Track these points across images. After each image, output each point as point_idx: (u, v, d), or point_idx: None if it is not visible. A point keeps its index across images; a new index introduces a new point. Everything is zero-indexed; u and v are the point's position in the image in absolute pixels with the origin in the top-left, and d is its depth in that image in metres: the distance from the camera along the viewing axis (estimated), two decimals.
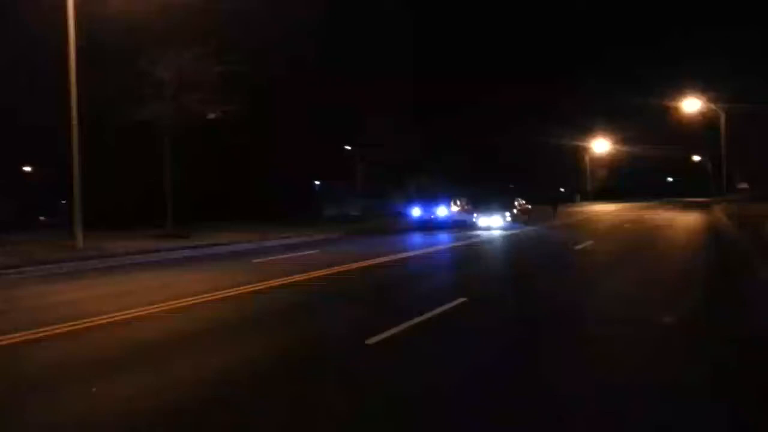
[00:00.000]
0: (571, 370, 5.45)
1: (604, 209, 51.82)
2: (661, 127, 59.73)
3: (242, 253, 18.93)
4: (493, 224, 26.22)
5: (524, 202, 30.84)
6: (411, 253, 16.87)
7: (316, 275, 12.31)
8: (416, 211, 29.35)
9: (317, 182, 58.98)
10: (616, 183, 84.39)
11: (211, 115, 27.39)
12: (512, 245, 19.58)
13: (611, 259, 14.64)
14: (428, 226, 27.81)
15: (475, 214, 27.65)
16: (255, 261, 16.04)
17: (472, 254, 17.19)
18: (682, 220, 30.30)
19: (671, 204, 57.25)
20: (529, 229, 26.20)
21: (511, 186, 71.80)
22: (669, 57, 75.40)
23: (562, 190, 74.06)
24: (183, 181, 29.56)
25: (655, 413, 4.42)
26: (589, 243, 18.27)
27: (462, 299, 8.74)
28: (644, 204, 60.44)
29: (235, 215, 41.11)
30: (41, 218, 52.04)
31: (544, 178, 69.31)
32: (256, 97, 31.31)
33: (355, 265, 13.76)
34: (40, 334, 7.22)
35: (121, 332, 7.47)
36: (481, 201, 30.07)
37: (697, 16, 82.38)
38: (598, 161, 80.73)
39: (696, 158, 73.60)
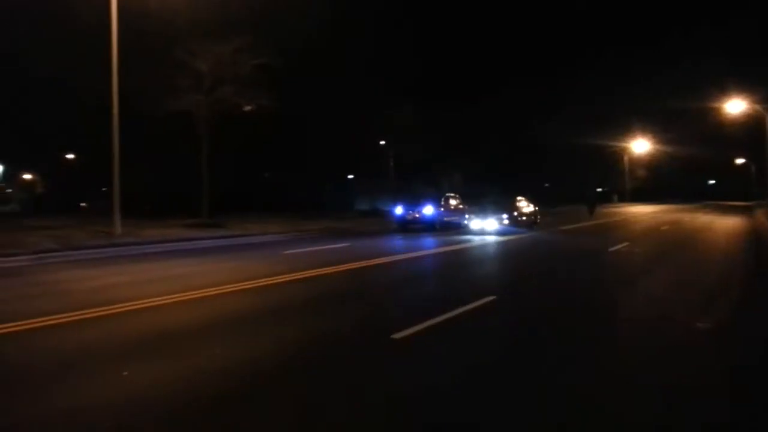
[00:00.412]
0: (595, 372, 5.35)
1: (641, 210, 50.74)
2: (703, 129, 58.15)
3: (273, 244, 19.16)
4: (487, 227, 22.56)
5: (528, 203, 26.23)
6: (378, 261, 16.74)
7: (344, 268, 12.39)
8: (399, 210, 25.74)
9: (350, 176, 59.35)
10: (655, 184, 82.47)
11: (247, 108, 27.77)
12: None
13: (646, 261, 14.30)
14: (409, 227, 24.94)
15: (467, 215, 24.46)
16: (286, 252, 16.21)
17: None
18: (722, 224, 29.44)
19: (711, 207, 55.68)
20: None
21: (546, 185, 70.91)
22: (712, 54, 73.15)
23: (599, 189, 72.73)
24: (216, 172, 30.05)
25: (675, 413, 4.32)
26: (624, 245, 17.91)
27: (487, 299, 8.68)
28: (683, 206, 58.96)
29: (267, 206, 41.72)
30: (82, 204, 53.65)
31: (580, 178, 68.27)
32: (288, 90, 31.56)
33: (379, 261, 13.79)
34: (74, 318, 7.43)
35: (153, 318, 7.63)
36: (477, 200, 26.99)
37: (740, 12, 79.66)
38: (637, 162, 79.03)
39: (739, 161, 71.41)
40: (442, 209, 25.62)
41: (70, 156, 56.32)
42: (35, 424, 4.18)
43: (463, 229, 23.93)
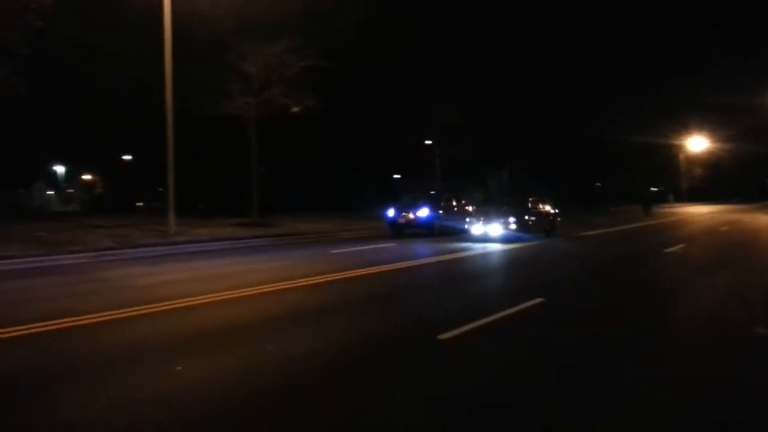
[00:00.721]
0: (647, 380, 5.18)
1: (699, 210, 48.91)
2: (764, 125, 55.59)
3: (320, 243, 19.37)
4: (491, 233, 19.06)
5: (545, 205, 22.18)
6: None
7: (387, 268, 12.42)
8: (391, 212, 22.88)
9: (397, 176, 59.44)
10: (714, 183, 79.24)
11: (294, 109, 28.14)
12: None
13: (704, 263, 13.77)
14: (404, 231, 22.32)
15: (468, 219, 20.70)
16: (333, 251, 16.36)
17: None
18: None
19: None
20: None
21: (598, 184, 69.19)
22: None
23: (654, 189, 70.39)
24: (264, 172, 30.65)
25: (729, 417, 4.15)
26: (680, 246, 17.30)
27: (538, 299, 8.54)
28: (743, 206, 56.49)
29: (314, 206, 42.30)
30: (138, 204, 55.69)
31: (634, 177, 66.33)
32: (335, 91, 31.78)
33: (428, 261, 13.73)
34: (129, 314, 7.68)
35: (204, 315, 7.83)
36: (482, 202, 24.33)
37: None
38: (695, 160, 76.18)
39: None
40: (442, 212, 22.69)
41: (128, 157, 58.50)
42: (91, 417, 4.32)
43: (461, 234, 20.20)
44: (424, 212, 22.11)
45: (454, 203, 23.93)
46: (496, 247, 17.31)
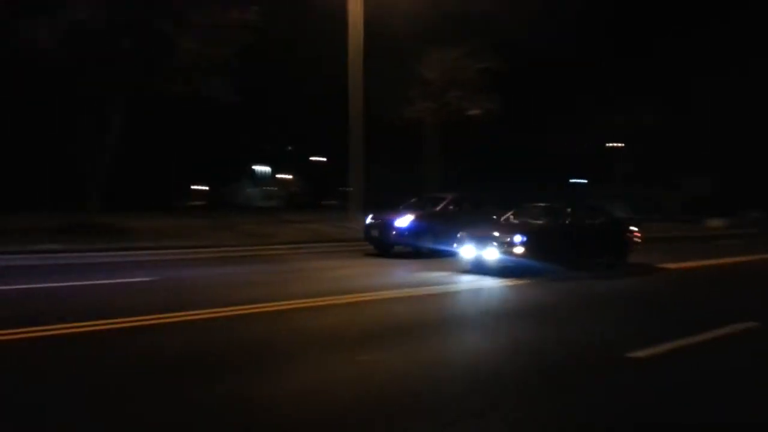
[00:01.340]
0: None
1: None
2: None
3: None
4: (486, 258, 11.92)
5: (599, 218, 14.50)
6: None
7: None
8: (369, 219, 16.95)
9: (581, 181, 56.75)
10: None
11: (473, 112, 28.14)
12: None
13: None
14: (384, 245, 16.02)
15: (459, 234, 12.67)
16: None
17: None
18: None
19: None
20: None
21: None
22: None
23: None
24: (446, 176, 31.19)
25: None
26: None
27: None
28: None
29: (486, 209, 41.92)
30: (330, 201, 60.13)
31: None
32: (512, 94, 31.10)
33: None
34: (319, 303, 8.18)
35: (392, 308, 8.20)
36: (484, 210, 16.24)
37: None
38: None
39: None
40: (439, 222, 15.67)
41: (321, 159, 63.65)
42: (269, 399, 4.48)
43: (457, 259, 12.90)
44: (404, 221, 15.64)
45: (460, 209, 16.83)
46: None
